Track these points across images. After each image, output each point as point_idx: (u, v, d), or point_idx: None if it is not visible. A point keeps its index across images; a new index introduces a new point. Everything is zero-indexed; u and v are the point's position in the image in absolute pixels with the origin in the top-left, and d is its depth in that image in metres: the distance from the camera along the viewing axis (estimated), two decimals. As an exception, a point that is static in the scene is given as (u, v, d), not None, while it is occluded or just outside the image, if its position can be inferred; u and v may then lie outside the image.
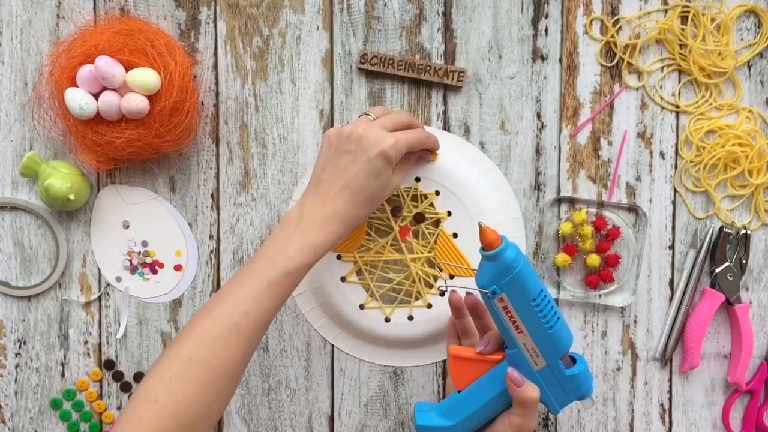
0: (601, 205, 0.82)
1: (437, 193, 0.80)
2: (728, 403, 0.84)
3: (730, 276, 0.82)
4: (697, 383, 0.84)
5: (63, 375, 0.84)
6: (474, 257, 0.79)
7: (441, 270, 0.80)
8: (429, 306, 0.80)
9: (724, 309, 0.83)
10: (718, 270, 0.81)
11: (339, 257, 0.81)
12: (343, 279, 0.81)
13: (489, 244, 0.63)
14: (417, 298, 0.81)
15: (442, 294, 0.80)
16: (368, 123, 0.71)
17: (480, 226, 0.63)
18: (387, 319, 0.81)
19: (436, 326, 0.81)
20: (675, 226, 0.83)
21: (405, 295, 0.81)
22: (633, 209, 0.82)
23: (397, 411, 0.84)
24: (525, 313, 0.64)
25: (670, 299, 0.83)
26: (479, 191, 0.80)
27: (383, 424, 0.84)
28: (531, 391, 0.67)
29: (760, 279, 0.84)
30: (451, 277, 0.79)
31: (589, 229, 0.80)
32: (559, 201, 0.83)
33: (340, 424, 0.84)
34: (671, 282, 0.84)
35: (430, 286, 0.80)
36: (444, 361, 0.84)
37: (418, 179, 0.79)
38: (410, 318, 0.80)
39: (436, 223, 0.80)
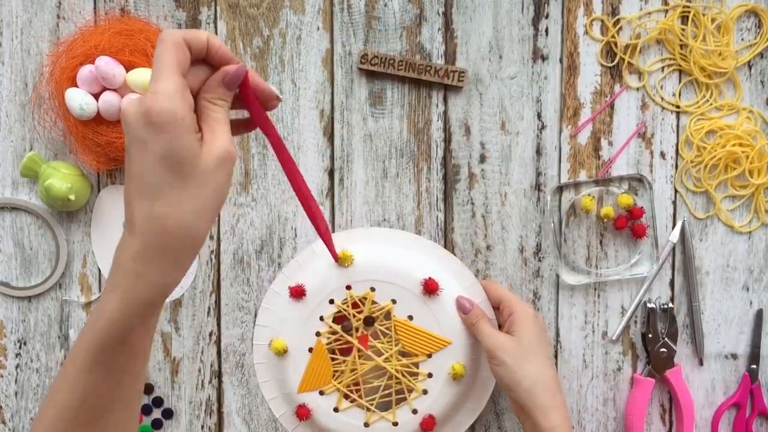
0: (606, 182, 0.82)
1: (372, 289, 0.79)
2: (716, 416, 0.84)
3: (664, 352, 0.82)
4: (698, 384, 0.84)
5: (63, 375, 0.84)
6: (436, 328, 0.79)
7: (417, 355, 0.79)
8: (425, 392, 0.79)
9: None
10: (653, 351, 0.82)
11: (321, 393, 0.80)
12: (336, 410, 0.80)
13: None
14: (410, 391, 0.80)
15: (430, 375, 0.79)
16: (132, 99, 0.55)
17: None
18: (395, 424, 0.80)
19: (443, 405, 0.80)
20: (675, 226, 0.83)
21: (398, 394, 0.80)
22: (637, 179, 0.82)
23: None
24: None
25: (671, 298, 0.83)
26: (409, 265, 0.80)
27: (384, 425, 0.84)
28: (474, 316, 0.76)
29: (761, 279, 0.84)
30: (429, 356, 0.79)
31: (610, 210, 0.81)
32: (560, 189, 0.83)
33: (341, 424, 0.84)
34: (672, 281, 0.84)
35: (415, 375, 0.80)
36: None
37: (348, 287, 0.79)
38: (414, 412, 0.80)
39: (388, 315, 0.79)
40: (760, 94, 0.83)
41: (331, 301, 0.79)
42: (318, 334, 0.80)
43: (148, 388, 0.84)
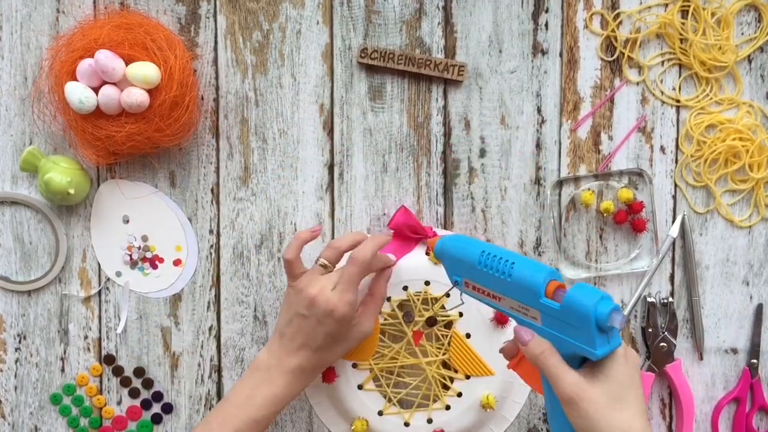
0: (606, 176, 0.82)
1: (447, 295, 0.79)
2: (716, 410, 0.84)
3: (663, 346, 0.82)
4: (698, 378, 0.84)
5: (63, 370, 0.84)
6: (487, 355, 0.79)
7: (456, 371, 0.80)
8: (447, 408, 0.80)
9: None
10: (653, 345, 0.82)
11: (355, 365, 0.80)
12: (360, 387, 0.80)
13: (433, 251, 0.68)
14: (434, 401, 0.80)
15: (459, 395, 0.80)
16: (319, 284, 0.72)
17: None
18: (407, 424, 0.80)
19: (457, 427, 0.81)
20: (675, 220, 0.83)
21: (422, 399, 0.81)
22: (637, 173, 0.82)
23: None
24: (484, 281, 0.63)
25: (671, 293, 0.83)
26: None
27: None
28: (535, 345, 0.60)
29: (761, 274, 0.84)
30: (467, 377, 0.80)
31: (610, 204, 0.81)
32: (560, 183, 0.83)
33: (341, 419, 0.84)
34: (672, 275, 0.84)
35: (447, 388, 0.80)
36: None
37: (427, 282, 0.79)
38: (429, 421, 0.80)
39: (448, 324, 0.80)
40: (760, 88, 0.83)
41: (405, 288, 0.80)
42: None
43: (147, 383, 0.84)
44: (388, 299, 0.80)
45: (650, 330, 0.82)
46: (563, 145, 0.83)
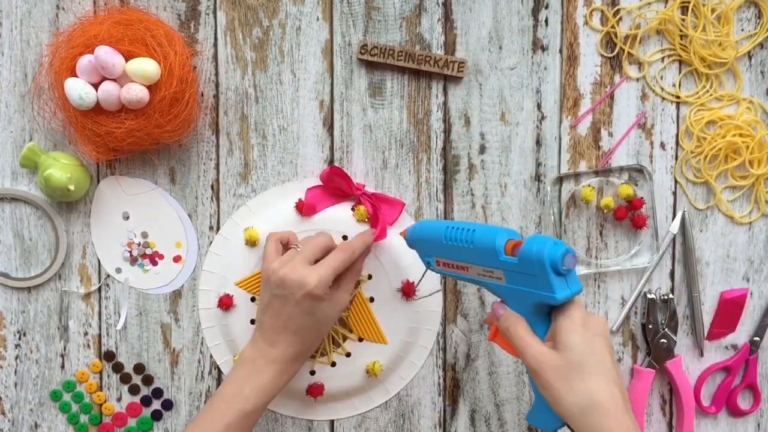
0: (606, 172, 0.82)
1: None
2: (701, 377, 0.84)
3: (664, 342, 0.82)
4: (698, 374, 0.84)
5: (63, 366, 0.84)
6: (386, 323, 0.81)
7: (351, 332, 0.81)
8: (333, 364, 0.81)
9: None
10: (653, 342, 0.82)
11: (253, 299, 0.81)
12: (253, 322, 0.81)
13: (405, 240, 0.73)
14: (322, 354, 0.82)
15: (348, 355, 0.82)
16: (291, 262, 0.72)
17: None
18: (312, 372, 0.82)
19: (338, 386, 0.82)
20: (676, 217, 0.83)
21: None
22: (637, 170, 0.82)
23: (398, 403, 0.84)
24: (451, 254, 0.67)
25: (671, 289, 0.83)
26: (402, 262, 0.81)
27: (384, 416, 0.84)
28: (505, 318, 0.64)
29: (761, 270, 0.84)
30: (360, 340, 0.81)
31: (610, 200, 0.81)
32: (560, 180, 0.83)
33: (341, 429, 0.84)
34: (672, 272, 0.84)
35: (338, 345, 0.82)
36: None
37: (345, 237, 0.80)
38: (312, 373, 0.82)
39: (357, 284, 0.81)
40: (760, 84, 0.83)
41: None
42: None
43: (147, 379, 0.84)
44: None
45: (650, 326, 0.82)
46: (563, 142, 0.83)
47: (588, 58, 0.82)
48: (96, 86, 0.76)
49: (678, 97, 0.82)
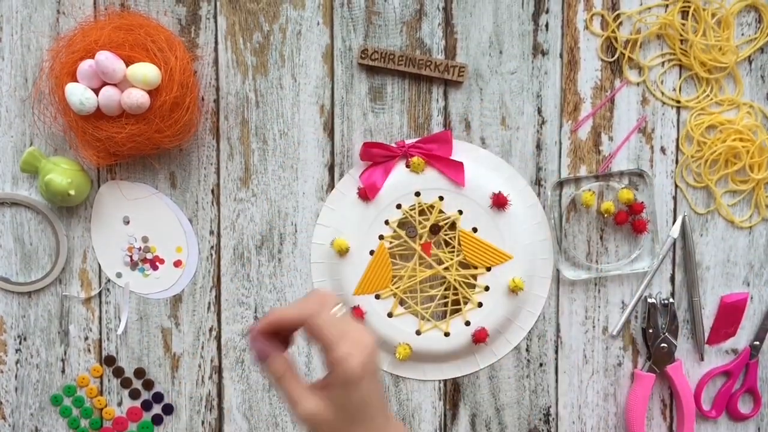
0: (607, 177, 0.82)
1: (441, 198, 0.80)
2: (702, 381, 0.84)
3: (664, 347, 0.82)
4: (698, 377, 0.84)
5: (63, 371, 0.84)
6: (499, 242, 0.81)
7: (476, 267, 0.81)
8: (480, 305, 0.81)
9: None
10: (653, 346, 0.82)
11: (377, 296, 0.81)
12: (390, 315, 0.81)
13: None
14: (465, 303, 0.81)
15: (467, 323, 0.81)
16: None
17: None
18: (446, 334, 0.81)
19: (496, 320, 0.81)
20: (676, 221, 0.83)
21: (453, 305, 0.82)
22: (637, 174, 0.82)
23: (398, 407, 0.84)
24: None
25: (672, 294, 0.83)
26: (479, 179, 0.81)
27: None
28: (275, 365, 0.53)
29: (761, 274, 0.84)
30: (488, 269, 0.81)
31: (610, 205, 0.81)
32: (561, 184, 0.83)
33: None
34: (672, 276, 0.84)
35: (473, 287, 0.81)
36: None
37: (418, 193, 0.80)
38: (467, 323, 0.81)
39: (452, 226, 0.81)
40: (761, 89, 0.83)
41: (398, 206, 0.80)
42: (381, 237, 0.81)
43: (148, 384, 0.84)
44: (386, 222, 0.80)
45: (651, 331, 0.82)
46: (564, 146, 0.83)
47: (588, 62, 0.82)
48: (96, 91, 0.76)
49: (678, 102, 0.82)
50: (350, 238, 0.81)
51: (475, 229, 0.80)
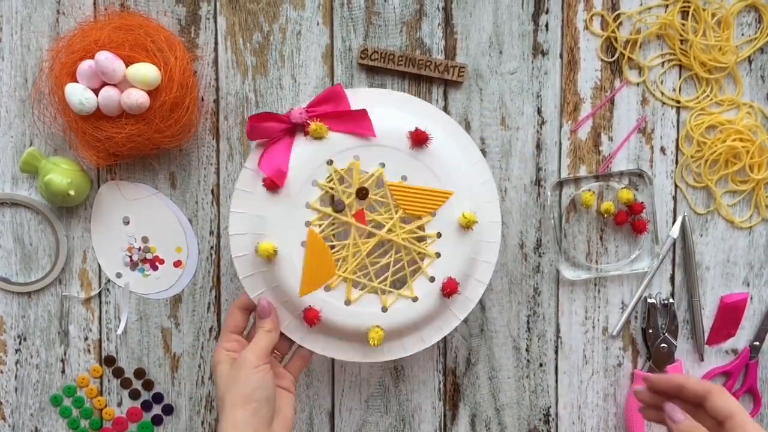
0: (606, 177, 0.82)
1: (356, 158, 0.72)
2: (705, 377, 0.84)
3: (664, 347, 0.82)
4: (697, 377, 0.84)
5: (63, 371, 0.84)
6: (433, 181, 0.72)
7: (420, 217, 0.72)
8: (438, 255, 0.73)
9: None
10: (653, 346, 0.82)
11: (327, 288, 0.72)
12: (347, 303, 0.73)
13: None
14: (422, 258, 0.73)
15: (439, 235, 0.73)
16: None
17: None
18: (415, 298, 0.73)
19: (460, 262, 0.73)
20: (676, 221, 0.83)
21: (411, 265, 0.73)
22: (637, 174, 0.83)
23: (398, 407, 0.84)
24: None
25: (672, 294, 0.83)
26: (390, 123, 0.73)
27: (384, 421, 0.84)
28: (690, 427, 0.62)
29: (761, 275, 0.84)
30: (434, 214, 0.72)
31: (610, 205, 0.81)
32: (560, 184, 0.83)
33: (341, 420, 0.84)
34: (672, 277, 0.84)
35: (424, 239, 0.73)
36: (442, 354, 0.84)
37: (329, 162, 0.72)
38: (432, 279, 0.73)
39: (380, 182, 0.73)
40: (761, 89, 0.83)
41: (314, 183, 0.72)
42: (308, 223, 0.72)
43: (148, 384, 0.84)
44: (307, 205, 0.71)
45: (651, 331, 0.82)
46: (563, 146, 0.83)
47: (588, 62, 0.82)
48: (96, 91, 0.76)
49: (678, 102, 0.82)
50: (274, 238, 0.71)
51: (404, 178, 0.72)
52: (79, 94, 0.75)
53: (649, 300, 0.82)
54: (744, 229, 0.83)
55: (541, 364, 0.84)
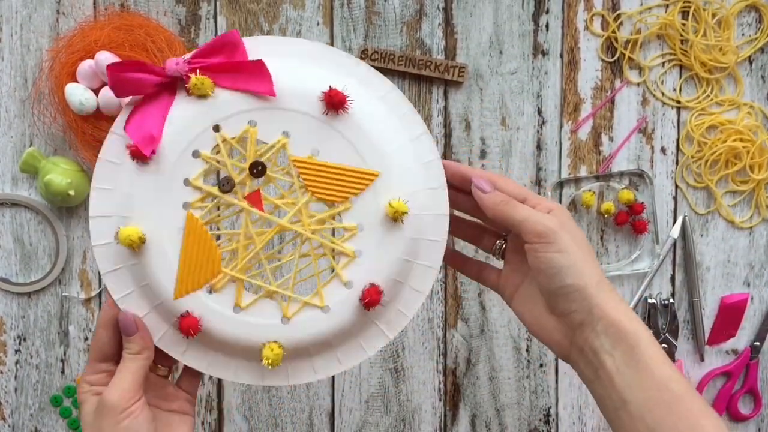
0: (607, 177, 0.82)
1: (252, 123, 0.54)
2: (702, 382, 0.84)
3: (664, 347, 0.82)
4: (698, 378, 0.84)
5: (63, 371, 0.84)
6: (354, 158, 0.54)
7: (333, 204, 0.54)
8: (357, 254, 0.54)
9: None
10: None
11: (211, 290, 0.54)
12: (237, 309, 0.55)
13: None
14: (337, 258, 0.55)
15: (324, 309, 0.55)
16: None
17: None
18: (325, 308, 0.54)
19: (387, 265, 0.54)
20: (676, 221, 0.83)
21: (321, 266, 0.55)
22: (637, 175, 0.83)
23: (398, 408, 0.84)
24: None
25: (672, 294, 0.83)
26: (298, 80, 0.55)
27: (384, 421, 0.84)
28: (496, 195, 0.55)
29: (762, 275, 0.84)
30: (351, 200, 0.55)
31: (610, 205, 0.81)
32: (561, 184, 0.83)
33: (341, 420, 0.84)
34: (672, 277, 0.84)
35: (338, 233, 0.55)
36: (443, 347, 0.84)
37: (216, 128, 0.54)
38: (348, 284, 0.54)
39: (283, 157, 0.55)
40: (761, 89, 0.83)
41: (196, 154, 0.54)
42: (186, 205, 0.54)
43: (148, 384, 0.84)
44: (186, 182, 0.54)
45: (651, 331, 0.82)
46: (564, 146, 0.83)
47: (588, 62, 0.82)
48: (96, 91, 0.76)
49: (678, 102, 0.82)
50: (142, 222, 0.53)
51: (315, 152, 0.54)
52: (79, 94, 0.75)
53: (649, 300, 0.82)
54: (744, 230, 0.83)
55: (541, 365, 0.84)
